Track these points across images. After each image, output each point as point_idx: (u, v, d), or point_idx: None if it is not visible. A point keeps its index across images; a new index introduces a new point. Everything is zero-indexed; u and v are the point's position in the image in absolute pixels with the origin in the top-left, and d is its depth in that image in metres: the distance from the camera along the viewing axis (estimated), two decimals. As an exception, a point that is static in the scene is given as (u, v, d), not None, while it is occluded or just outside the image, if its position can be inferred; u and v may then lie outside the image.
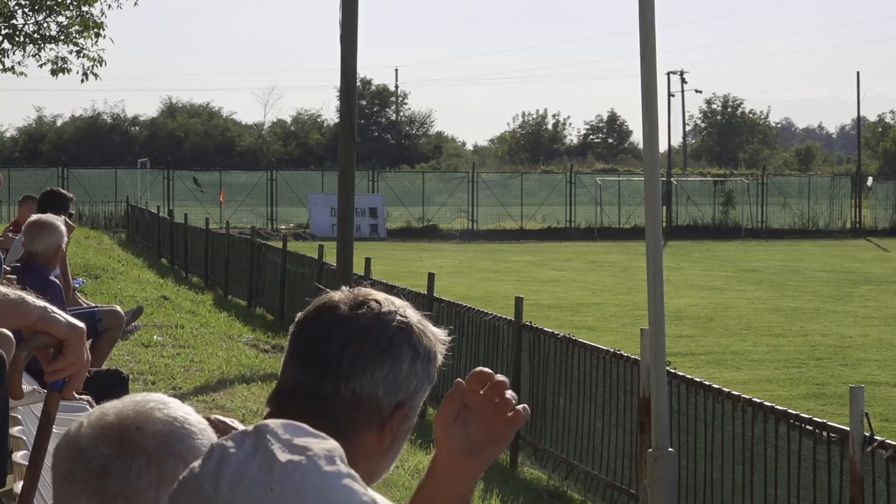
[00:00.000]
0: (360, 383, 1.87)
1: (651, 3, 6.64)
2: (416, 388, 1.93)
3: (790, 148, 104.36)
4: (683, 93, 77.70)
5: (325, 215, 43.11)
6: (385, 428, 1.89)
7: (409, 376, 1.91)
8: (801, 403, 12.60)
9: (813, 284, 26.92)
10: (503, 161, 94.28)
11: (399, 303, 1.97)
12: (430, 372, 1.96)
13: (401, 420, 1.91)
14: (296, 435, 1.27)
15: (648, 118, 6.68)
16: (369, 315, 1.91)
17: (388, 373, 1.88)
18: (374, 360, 1.88)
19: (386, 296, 1.97)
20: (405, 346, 1.91)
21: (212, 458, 1.27)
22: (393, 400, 1.89)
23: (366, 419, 1.88)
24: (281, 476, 1.23)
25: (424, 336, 1.96)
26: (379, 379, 1.88)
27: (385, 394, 1.88)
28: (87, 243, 27.17)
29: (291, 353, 1.93)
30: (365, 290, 1.96)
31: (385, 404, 1.89)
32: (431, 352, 1.97)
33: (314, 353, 1.89)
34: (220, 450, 1.27)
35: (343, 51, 15.02)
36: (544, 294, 23.86)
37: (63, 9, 23.24)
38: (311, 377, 1.88)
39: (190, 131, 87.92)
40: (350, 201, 15.29)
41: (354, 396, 1.86)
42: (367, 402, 1.87)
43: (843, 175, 58.64)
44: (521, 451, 10.48)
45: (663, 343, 6.87)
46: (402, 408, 1.91)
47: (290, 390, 1.90)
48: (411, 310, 1.97)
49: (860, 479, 6.34)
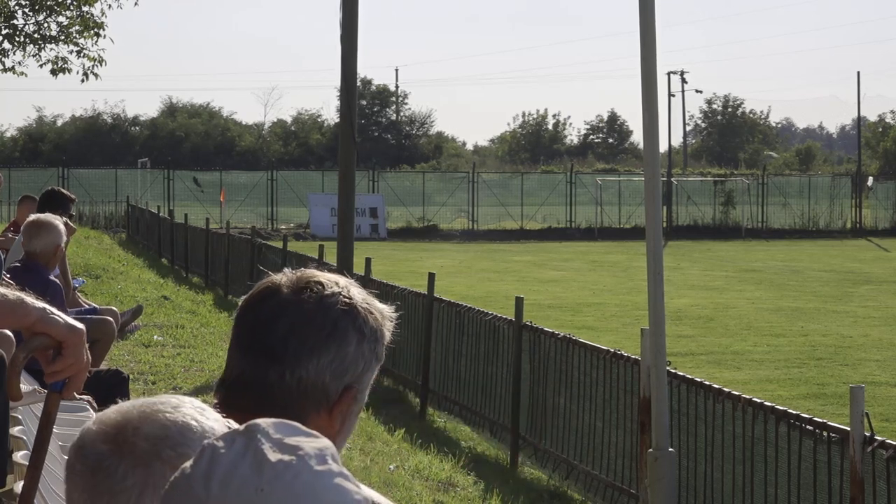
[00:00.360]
0: (307, 370, 1.83)
1: (651, 3, 6.64)
2: (363, 370, 1.88)
3: (790, 148, 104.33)
4: (684, 93, 77.72)
5: (325, 215, 43.12)
6: (334, 412, 1.85)
7: (355, 359, 1.86)
8: (801, 403, 12.60)
9: (813, 284, 26.92)
10: (503, 161, 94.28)
11: (343, 282, 1.92)
12: (377, 352, 1.91)
13: (350, 402, 1.87)
14: (287, 434, 1.27)
15: (649, 118, 6.68)
16: (313, 299, 1.87)
17: (335, 357, 1.85)
18: (320, 346, 1.84)
19: (329, 276, 1.92)
20: (350, 329, 1.86)
21: (203, 458, 1.27)
22: (340, 384, 1.85)
23: (314, 405, 1.84)
24: (271, 476, 1.22)
25: (370, 316, 1.90)
26: (325, 364, 1.84)
27: (332, 378, 1.84)
28: (87, 243, 27.17)
29: (236, 342, 1.90)
30: (308, 272, 1.92)
31: (332, 389, 1.85)
32: (378, 331, 1.91)
33: (258, 341, 1.85)
34: (210, 450, 1.27)
35: (343, 51, 15.03)
36: (544, 294, 23.86)
37: (63, 9, 23.24)
38: (256, 366, 1.85)
39: (190, 131, 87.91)
40: (350, 201, 15.29)
41: (301, 383, 1.83)
42: (315, 387, 1.84)
43: (843, 175, 58.63)
44: (521, 451, 10.48)
45: (663, 343, 6.87)
46: (351, 390, 1.86)
47: (235, 380, 1.87)
48: (356, 289, 1.92)
49: (860, 479, 6.34)
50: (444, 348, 12.23)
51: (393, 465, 9.47)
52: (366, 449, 9.80)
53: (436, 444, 10.69)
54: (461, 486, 9.29)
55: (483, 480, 9.58)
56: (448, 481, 9.32)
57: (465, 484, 9.40)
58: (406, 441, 10.65)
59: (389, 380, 13.64)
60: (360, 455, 9.45)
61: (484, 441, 11.20)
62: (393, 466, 9.39)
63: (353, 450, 9.56)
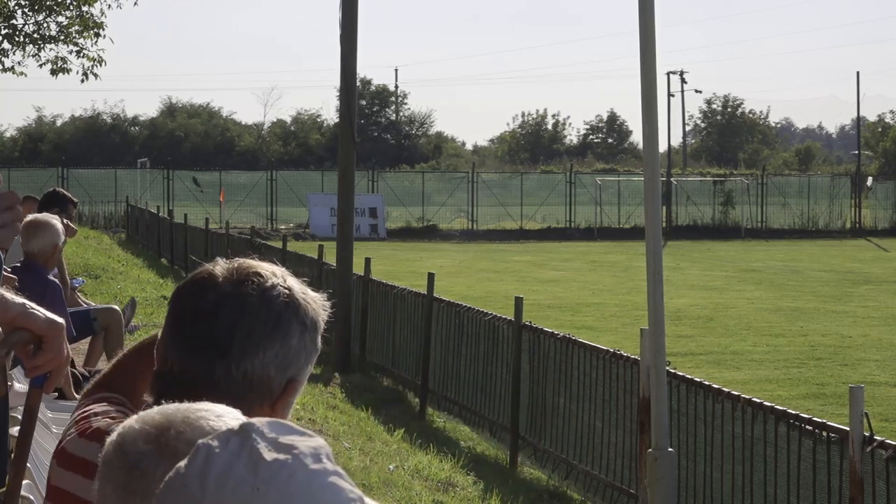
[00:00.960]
0: (252, 364, 1.81)
1: (651, 3, 6.64)
2: (304, 362, 1.87)
3: (790, 148, 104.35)
4: (683, 93, 77.79)
5: (324, 215, 43.10)
6: (277, 405, 1.84)
7: (298, 351, 1.85)
8: (800, 403, 12.60)
9: (813, 284, 26.92)
10: (503, 161, 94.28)
11: (280, 272, 1.90)
12: (316, 342, 1.89)
13: (291, 395, 1.85)
14: (282, 433, 1.27)
15: (648, 118, 6.67)
16: (255, 291, 1.84)
17: (279, 350, 1.83)
18: (265, 339, 1.82)
19: (266, 266, 1.90)
20: (293, 321, 1.84)
21: (197, 457, 1.26)
22: (284, 377, 1.84)
23: (258, 399, 1.82)
24: (267, 475, 1.22)
25: (309, 306, 1.88)
26: (270, 357, 1.82)
27: (277, 372, 1.83)
28: (86, 243, 27.17)
29: (173, 334, 1.86)
30: (245, 263, 1.89)
31: (277, 382, 1.83)
32: (317, 322, 1.89)
33: (201, 335, 1.82)
34: (205, 449, 1.27)
35: (343, 51, 15.02)
36: (544, 294, 23.86)
37: (63, 9, 23.23)
38: (200, 360, 1.81)
39: (190, 131, 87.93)
40: (350, 201, 15.29)
41: (247, 378, 1.81)
42: (260, 382, 1.82)
43: (842, 175, 58.63)
44: (521, 451, 10.48)
45: (663, 343, 6.86)
46: (293, 383, 1.85)
47: (179, 375, 1.83)
48: (292, 278, 1.90)
49: (860, 479, 6.34)
50: (443, 348, 12.23)
51: (392, 465, 9.47)
52: (365, 449, 9.80)
53: (435, 444, 10.69)
54: (461, 486, 9.29)
55: (483, 480, 9.58)
56: (448, 481, 9.32)
57: (465, 484, 9.40)
58: (405, 441, 10.64)
59: (389, 380, 13.64)
60: (360, 455, 9.45)
61: (483, 441, 11.20)
62: (392, 466, 9.39)
63: (352, 450, 9.56)
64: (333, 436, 10.05)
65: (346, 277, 14.95)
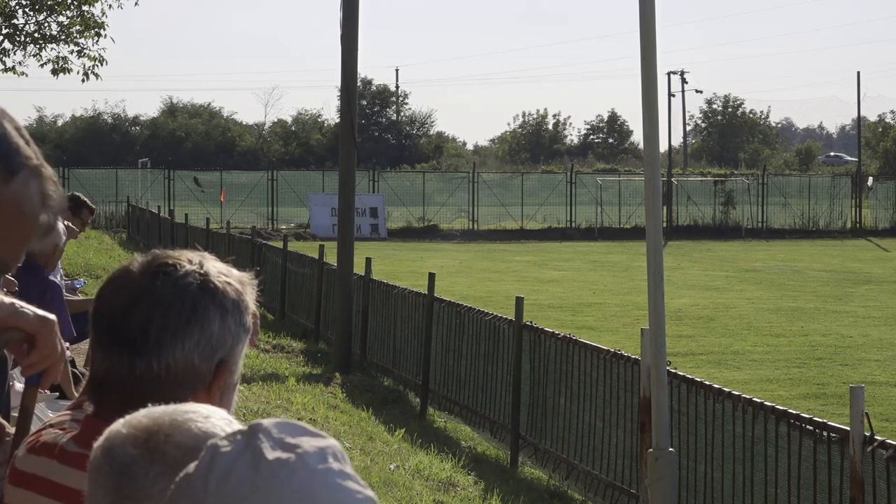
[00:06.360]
0: (173, 356, 1.78)
1: (651, 3, 6.64)
2: (233, 343, 1.83)
3: (791, 148, 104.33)
4: (684, 93, 77.78)
5: (325, 215, 43.10)
6: (212, 389, 1.81)
7: (222, 335, 1.81)
8: (801, 403, 12.60)
9: (813, 284, 26.91)
10: (503, 161, 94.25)
11: (196, 258, 1.87)
12: (244, 322, 1.85)
13: (225, 376, 1.82)
14: (290, 433, 1.27)
15: (649, 118, 6.68)
16: (167, 282, 1.81)
17: (199, 339, 1.79)
18: (182, 330, 1.78)
19: (181, 254, 1.87)
20: (211, 306, 1.81)
21: (205, 457, 1.27)
22: (211, 363, 1.80)
23: (189, 389, 1.79)
24: (267, 474, 1.22)
25: (229, 287, 1.85)
26: (191, 347, 1.78)
27: (201, 360, 1.79)
28: (87, 243, 27.16)
29: (96, 339, 1.84)
30: (159, 254, 1.86)
31: (204, 369, 1.80)
32: (241, 302, 1.86)
33: (118, 334, 1.80)
34: (213, 449, 1.27)
35: (343, 51, 15.03)
36: (545, 294, 23.86)
37: (64, 8, 23.25)
38: (120, 361, 1.79)
39: (191, 131, 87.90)
40: (350, 201, 15.29)
41: (170, 371, 1.78)
42: (185, 372, 1.79)
43: (843, 175, 58.61)
44: (521, 450, 10.48)
45: (663, 343, 6.87)
46: (224, 364, 1.82)
47: (103, 379, 1.82)
48: (211, 262, 1.88)
49: (860, 479, 6.34)
50: (444, 348, 12.24)
51: (393, 464, 9.47)
52: (366, 449, 9.81)
53: (436, 443, 10.69)
54: (461, 486, 9.29)
55: (483, 480, 9.58)
56: (448, 481, 9.32)
57: (466, 484, 9.40)
58: (406, 441, 10.64)
59: (389, 380, 13.64)
60: (361, 455, 9.45)
61: (484, 441, 11.20)
62: (393, 466, 9.39)
63: (353, 450, 9.56)
64: (334, 436, 10.04)
65: (346, 277, 14.95)
